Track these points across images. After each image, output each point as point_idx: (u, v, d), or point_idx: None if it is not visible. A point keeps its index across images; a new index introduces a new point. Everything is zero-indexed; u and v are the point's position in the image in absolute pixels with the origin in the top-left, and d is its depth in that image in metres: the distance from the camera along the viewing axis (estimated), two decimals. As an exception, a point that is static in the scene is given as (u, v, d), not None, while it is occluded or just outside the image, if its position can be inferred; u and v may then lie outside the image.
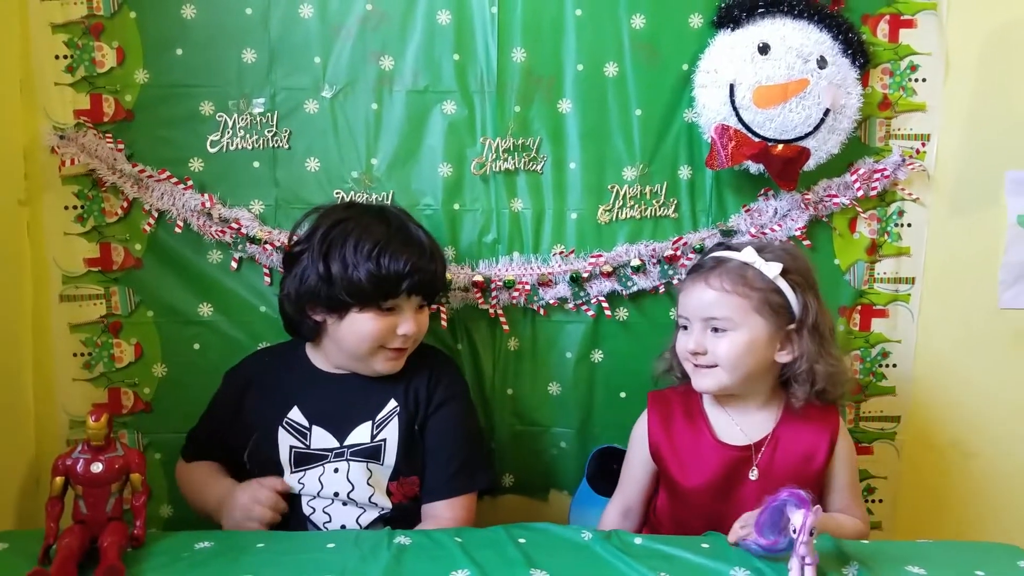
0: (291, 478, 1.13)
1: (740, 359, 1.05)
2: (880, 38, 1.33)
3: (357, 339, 1.11)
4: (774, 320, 1.05)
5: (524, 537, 1.01)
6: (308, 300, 1.12)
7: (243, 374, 1.20)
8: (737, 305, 1.05)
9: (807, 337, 1.06)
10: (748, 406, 1.11)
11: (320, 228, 1.13)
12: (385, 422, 1.15)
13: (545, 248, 1.34)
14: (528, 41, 1.29)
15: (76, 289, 1.31)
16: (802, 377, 1.06)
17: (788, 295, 1.06)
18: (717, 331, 1.06)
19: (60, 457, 0.95)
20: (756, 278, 1.06)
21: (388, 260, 1.09)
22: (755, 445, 1.09)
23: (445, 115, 1.30)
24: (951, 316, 1.39)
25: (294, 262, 1.14)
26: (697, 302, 1.07)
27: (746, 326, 1.05)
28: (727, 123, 1.25)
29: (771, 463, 1.08)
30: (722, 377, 1.06)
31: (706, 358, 1.06)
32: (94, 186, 1.29)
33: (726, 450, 1.10)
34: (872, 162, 1.34)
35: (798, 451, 1.08)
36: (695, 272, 1.10)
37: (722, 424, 1.12)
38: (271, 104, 1.29)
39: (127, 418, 1.34)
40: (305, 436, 1.14)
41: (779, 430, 1.09)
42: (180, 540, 0.99)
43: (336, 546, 0.98)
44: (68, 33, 1.26)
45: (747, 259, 1.07)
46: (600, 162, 1.33)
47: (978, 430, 1.41)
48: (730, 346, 1.05)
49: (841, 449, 1.10)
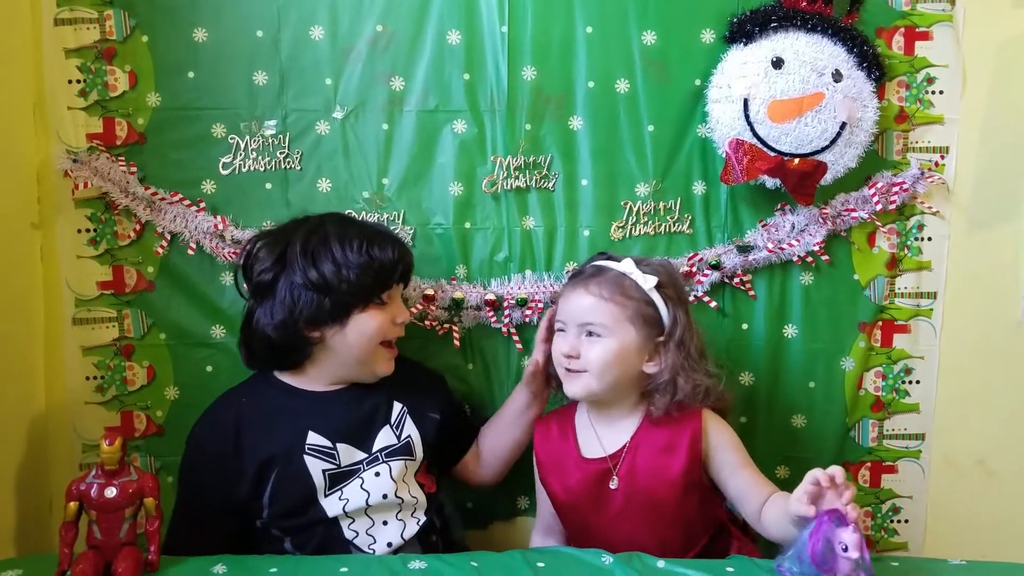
0: (330, 501, 1.10)
1: (609, 366, 1.07)
2: (896, 51, 1.31)
3: (365, 340, 1.11)
4: (645, 331, 1.08)
5: (542, 561, 0.99)
6: (306, 318, 1.09)
7: (223, 421, 1.12)
8: (612, 312, 1.07)
9: (673, 350, 1.09)
10: (612, 415, 1.13)
11: (292, 244, 1.10)
12: (401, 423, 1.17)
13: (557, 266, 1.33)
14: (538, 59, 1.29)
15: (89, 312, 1.31)
16: (663, 387, 1.09)
17: (660, 308, 1.09)
18: (591, 335, 1.08)
19: (74, 482, 0.95)
20: (632, 288, 1.09)
21: (377, 251, 1.10)
22: (612, 456, 1.11)
23: (456, 134, 1.30)
24: (974, 330, 1.36)
25: (268, 290, 1.10)
26: (575, 307, 1.09)
27: (618, 334, 1.07)
28: (742, 138, 1.24)
29: (631, 471, 1.10)
30: (591, 383, 1.08)
31: (578, 362, 1.08)
32: (107, 209, 1.29)
33: (587, 464, 1.12)
34: (890, 175, 1.32)
35: (657, 454, 1.09)
36: (575, 278, 1.13)
37: (587, 440, 1.14)
38: (282, 126, 1.29)
39: (139, 441, 1.33)
40: (333, 456, 1.11)
41: (637, 437, 1.11)
42: (194, 565, 0.98)
43: (350, 571, 0.97)
44: (81, 58, 1.27)
45: (625, 270, 1.10)
46: (612, 179, 1.32)
47: (1005, 447, 1.38)
48: (602, 352, 1.07)
49: (712, 438, 1.09)
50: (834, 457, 1.36)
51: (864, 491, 1.40)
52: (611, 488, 1.10)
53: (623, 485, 1.09)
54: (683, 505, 1.08)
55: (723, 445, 1.10)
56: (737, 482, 1.08)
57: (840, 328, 1.35)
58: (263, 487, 1.10)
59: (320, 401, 1.15)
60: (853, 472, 1.39)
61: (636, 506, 1.09)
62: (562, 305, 1.12)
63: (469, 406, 1.35)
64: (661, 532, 1.09)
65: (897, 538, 1.41)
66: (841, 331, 1.35)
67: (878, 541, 1.41)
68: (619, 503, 1.09)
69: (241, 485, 1.10)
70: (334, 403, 1.15)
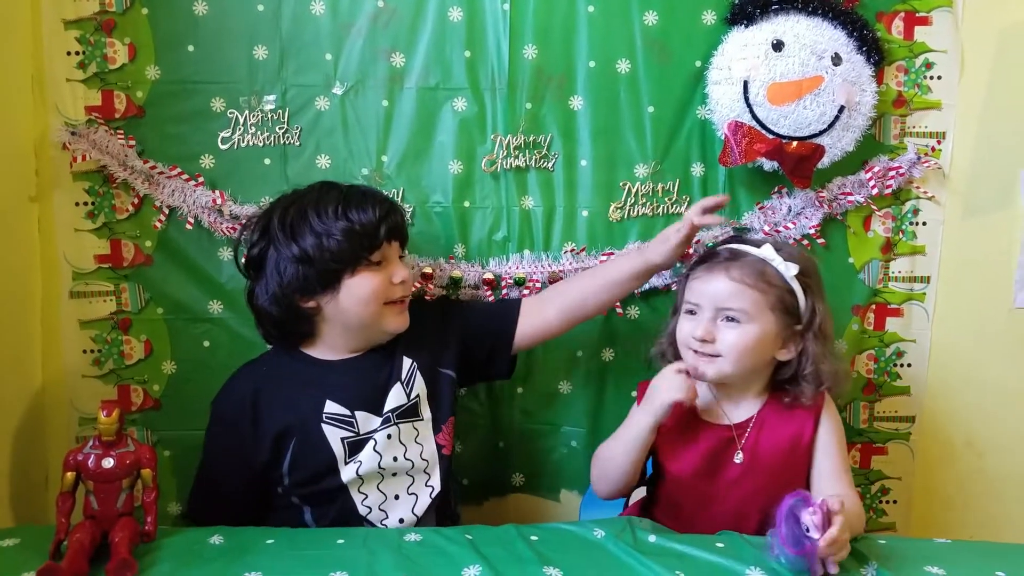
0: (348, 468, 1.10)
1: (746, 352, 1.06)
2: (895, 35, 1.32)
3: (362, 303, 1.09)
4: (784, 319, 1.07)
5: (536, 535, 1.00)
6: (297, 290, 1.08)
7: (241, 391, 1.13)
8: (754, 299, 1.06)
9: (812, 339, 1.08)
10: (736, 394, 1.12)
11: (273, 218, 1.10)
12: (410, 380, 1.15)
13: (556, 246, 1.33)
14: (540, 38, 1.29)
15: (86, 286, 1.31)
16: (810, 377, 1.08)
17: (800, 296, 1.08)
18: (730, 320, 1.07)
19: (71, 452, 0.95)
20: (774, 276, 1.07)
21: (356, 213, 1.08)
22: (738, 427, 1.10)
23: (456, 112, 1.30)
24: (966, 315, 1.37)
25: (260, 264, 1.10)
26: (714, 290, 1.07)
27: (758, 321, 1.06)
28: (741, 120, 1.25)
29: (756, 445, 1.09)
30: (724, 367, 1.07)
31: (712, 347, 1.07)
32: (105, 182, 1.29)
33: (711, 430, 1.11)
34: (887, 160, 1.33)
35: (784, 433, 1.09)
36: (711, 261, 1.10)
37: (708, 405, 1.13)
38: (282, 101, 1.29)
39: (136, 415, 1.33)
40: (352, 424, 1.11)
41: (763, 413, 1.11)
42: (191, 536, 0.99)
43: (345, 542, 0.98)
44: (80, 29, 1.26)
45: (766, 256, 1.08)
46: (612, 159, 1.32)
47: (993, 430, 1.40)
48: (739, 338, 1.06)
49: (826, 425, 1.09)
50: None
51: (855, 472, 1.41)
52: (735, 461, 1.09)
53: (747, 458, 1.08)
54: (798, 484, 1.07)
55: (830, 427, 1.09)
56: (822, 464, 1.08)
57: (834, 311, 1.32)
58: (282, 456, 1.11)
59: (337, 370, 1.14)
60: (844, 454, 1.41)
61: (753, 480, 1.08)
62: (697, 287, 1.09)
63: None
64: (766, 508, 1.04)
65: (885, 518, 1.43)
66: (835, 314, 1.33)
67: (867, 522, 1.42)
68: (737, 474, 1.08)
69: (259, 454, 1.11)
70: (352, 370, 1.14)
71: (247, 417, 1.11)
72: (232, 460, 1.12)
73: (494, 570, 0.90)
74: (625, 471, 1.10)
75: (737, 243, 1.12)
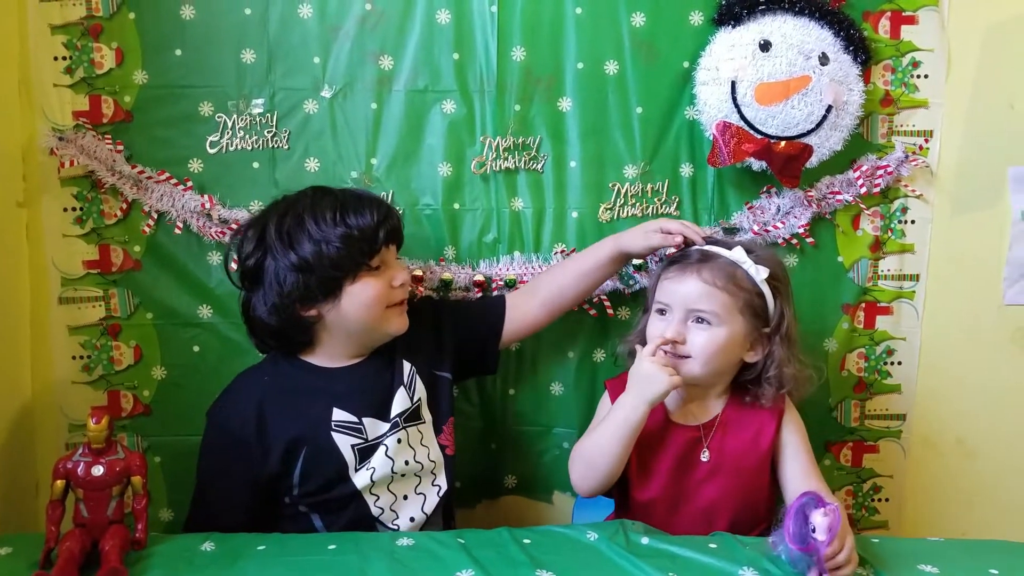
0: (361, 475, 1.10)
1: (715, 354, 1.06)
2: (882, 34, 1.32)
3: (365, 309, 1.08)
4: (752, 322, 1.08)
5: (528, 538, 1.00)
6: (298, 299, 1.07)
7: (246, 404, 1.10)
8: (724, 302, 1.06)
9: (778, 342, 1.08)
10: (700, 393, 1.13)
11: (268, 226, 1.08)
12: (412, 383, 1.15)
13: (546, 247, 1.33)
14: (528, 40, 1.29)
15: (75, 291, 1.30)
16: (772, 379, 1.09)
17: (769, 300, 1.09)
18: (700, 322, 1.07)
19: (61, 460, 0.94)
20: (744, 279, 1.08)
21: (354, 218, 1.07)
22: (704, 427, 1.11)
23: (445, 114, 1.30)
24: (956, 313, 1.38)
25: (258, 274, 1.08)
26: (686, 292, 1.07)
27: (728, 323, 1.06)
28: (729, 120, 1.25)
29: (722, 444, 1.10)
30: (694, 368, 1.07)
31: (683, 348, 1.07)
32: (93, 188, 1.28)
33: (678, 430, 1.11)
34: (875, 159, 1.33)
35: (746, 431, 1.10)
36: (683, 262, 1.11)
37: (673, 406, 1.13)
38: (270, 104, 1.29)
39: (126, 421, 1.33)
40: (360, 431, 1.11)
41: (727, 412, 1.12)
42: (182, 543, 0.98)
43: (337, 548, 0.97)
44: (67, 34, 1.25)
45: (737, 259, 1.09)
46: (601, 160, 1.32)
47: (983, 427, 1.40)
48: (709, 340, 1.06)
49: (789, 427, 1.11)
50: (817, 437, 1.38)
51: (846, 470, 1.42)
52: (702, 460, 1.10)
53: (713, 457, 1.09)
54: (762, 484, 1.10)
55: (793, 428, 1.11)
56: (791, 465, 1.09)
57: (824, 309, 1.37)
58: (292, 466, 1.09)
59: (341, 377, 1.13)
60: (835, 452, 1.42)
61: (720, 479, 1.09)
62: (668, 287, 1.09)
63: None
64: (736, 507, 1.09)
65: (877, 516, 1.44)
66: (825, 312, 1.37)
67: (859, 520, 1.43)
68: (704, 473, 1.10)
69: (267, 465, 1.08)
70: (355, 377, 1.13)
71: (252, 429, 1.08)
72: (237, 473, 1.10)
73: (487, 574, 0.90)
74: (617, 464, 1.09)
75: (710, 244, 1.12)
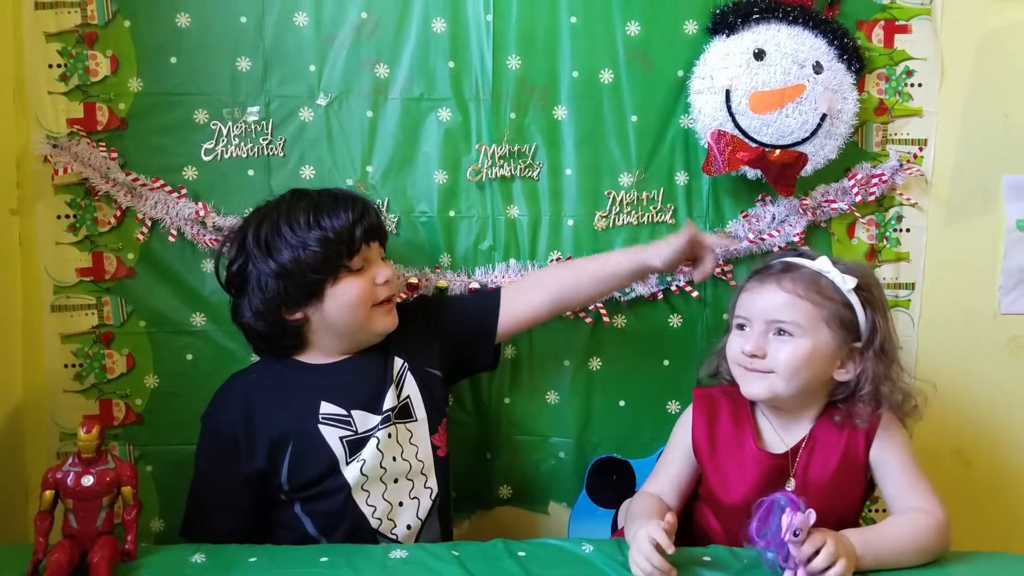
0: (351, 468, 1.08)
1: (799, 369, 1.00)
2: (875, 43, 1.33)
3: (349, 309, 1.08)
4: (840, 335, 1.01)
5: (524, 550, 0.99)
6: (281, 304, 1.07)
7: (233, 401, 1.11)
8: (807, 312, 1.00)
9: (872, 358, 1.01)
10: (790, 415, 1.07)
11: (247, 234, 1.08)
12: (402, 380, 1.14)
13: (541, 255, 1.33)
14: (523, 48, 1.29)
15: (68, 299, 1.29)
16: (867, 397, 1.02)
17: (858, 311, 1.02)
18: (781, 334, 1.01)
19: (50, 470, 0.93)
20: (829, 288, 1.02)
21: (329, 220, 1.06)
22: (791, 451, 1.05)
23: (440, 122, 1.30)
24: (951, 322, 1.38)
25: (242, 281, 1.09)
26: (765, 303, 1.02)
27: (812, 335, 1.00)
28: (724, 129, 1.25)
29: (807, 470, 1.04)
30: (776, 384, 1.01)
31: (763, 363, 1.01)
32: (87, 195, 1.28)
33: (767, 459, 1.05)
34: (870, 167, 1.34)
35: (834, 454, 1.04)
36: (763, 273, 1.06)
37: (765, 431, 1.08)
38: (265, 112, 1.28)
39: (118, 430, 1.32)
40: (349, 423, 1.09)
41: (815, 433, 1.05)
42: (172, 554, 0.97)
43: (329, 560, 0.96)
44: (62, 42, 1.25)
45: (822, 268, 1.03)
46: (596, 168, 1.32)
47: (979, 437, 1.40)
48: (792, 353, 1.00)
49: (881, 435, 1.03)
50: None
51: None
52: (787, 489, 1.02)
53: (799, 484, 1.03)
54: (852, 501, 1.05)
55: (886, 445, 1.03)
56: (886, 485, 1.03)
57: None
58: (279, 463, 1.08)
59: (330, 372, 1.13)
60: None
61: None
62: (746, 300, 1.05)
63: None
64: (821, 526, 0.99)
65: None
66: None
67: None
68: None
69: (255, 462, 1.08)
70: (346, 371, 1.13)
71: (240, 427, 1.09)
72: (228, 473, 1.10)
73: (480, 586, 0.89)
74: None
75: (792, 256, 1.07)
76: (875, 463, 1.04)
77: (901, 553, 0.95)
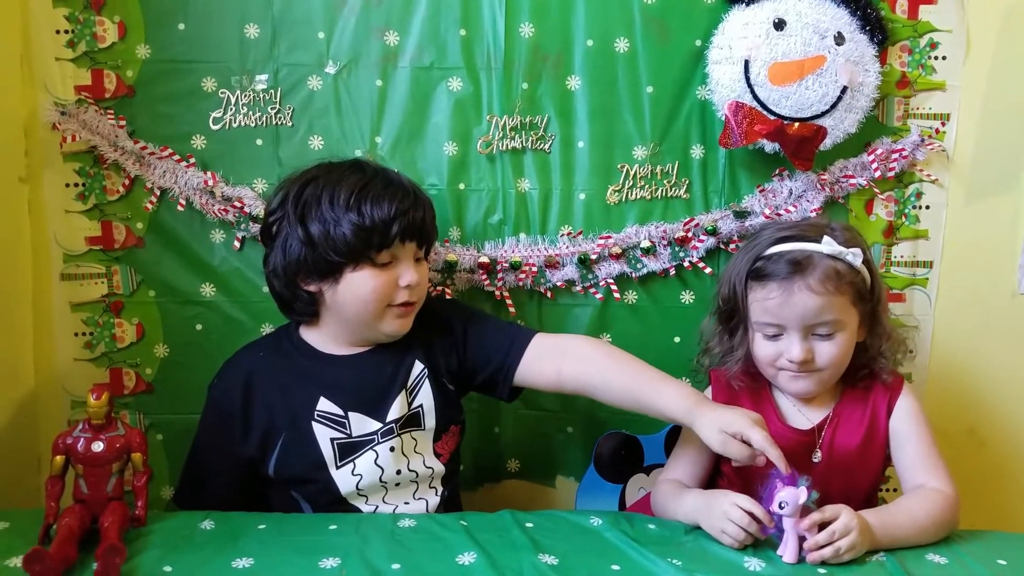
0: (342, 474, 1.06)
1: (844, 357, 1.03)
2: (899, 15, 1.29)
3: (359, 301, 1.04)
4: (861, 307, 1.04)
5: (531, 521, 0.99)
6: (297, 270, 1.04)
7: (235, 378, 1.10)
8: (841, 305, 1.01)
9: (881, 313, 1.05)
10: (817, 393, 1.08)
11: (291, 191, 1.06)
12: (417, 387, 1.10)
13: (552, 229, 1.31)
14: (536, 16, 1.26)
15: (77, 268, 1.29)
16: (886, 351, 1.05)
17: (867, 278, 1.05)
18: (822, 335, 1.02)
19: (61, 435, 0.94)
20: (848, 271, 1.03)
21: (370, 207, 1.02)
22: (817, 427, 1.06)
23: (451, 92, 1.28)
24: (969, 301, 1.36)
25: (273, 234, 1.07)
26: (800, 310, 1.01)
27: (848, 324, 1.02)
28: (742, 100, 1.22)
29: (833, 441, 1.06)
30: (825, 379, 1.03)
31: (810, 364, 1.02)
32: (95, 163, 1.27)
33: (792, 434, 1.06)
34: (890, 142, 1.31)
35: (859, 426, 1.06)
36: (775, 278, 1.02)
37: (787, 408, 1.09)
38: (274, 80, 1.27)
39: (128, 399, 1.32)
40: (344, 425, 1.06)
41: (839, 407, 1.07)
42: (182, 520, 0.98)
43: (338, 528, 0.97)
44: (69, 7, 1.23)
45: (833, 252, 1.02)
46: (609, 141, 1.30)
47: (995, 418, 1.38)
48: (837, 349, 1.02)
49: (900, 413, 1.05)
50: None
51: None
52: (813, 461, 1.04)
53: (824, 457, 1.05)
54: (875, 472, 1.07)
55: (904, 415, 1.06)
56: (899, 455, 1.05)
57: None
58: (268, 453, 1.07)
59: (337, 365, 1.09)
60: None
61: (831, 478, 1.03)
62: (773, 308, 1.02)
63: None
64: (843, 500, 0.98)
65: (885, 506, 1.42)
66: None
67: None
68: (819, 476, 1.00)
69: (246, 444, 1.07)
70: (351, 368, 1.09)
71: (238, 405, 1.08)
72: (219, 446, 1.10)
73: (489, 557, 0.89)
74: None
75: (790, 244, 1.04)
76: (894, 432, 1.06)
77: (915, 532, 0.96)
